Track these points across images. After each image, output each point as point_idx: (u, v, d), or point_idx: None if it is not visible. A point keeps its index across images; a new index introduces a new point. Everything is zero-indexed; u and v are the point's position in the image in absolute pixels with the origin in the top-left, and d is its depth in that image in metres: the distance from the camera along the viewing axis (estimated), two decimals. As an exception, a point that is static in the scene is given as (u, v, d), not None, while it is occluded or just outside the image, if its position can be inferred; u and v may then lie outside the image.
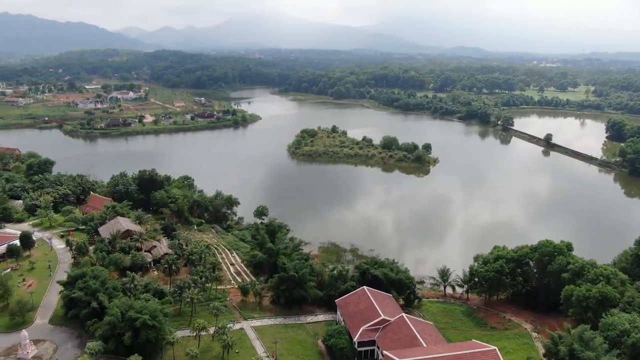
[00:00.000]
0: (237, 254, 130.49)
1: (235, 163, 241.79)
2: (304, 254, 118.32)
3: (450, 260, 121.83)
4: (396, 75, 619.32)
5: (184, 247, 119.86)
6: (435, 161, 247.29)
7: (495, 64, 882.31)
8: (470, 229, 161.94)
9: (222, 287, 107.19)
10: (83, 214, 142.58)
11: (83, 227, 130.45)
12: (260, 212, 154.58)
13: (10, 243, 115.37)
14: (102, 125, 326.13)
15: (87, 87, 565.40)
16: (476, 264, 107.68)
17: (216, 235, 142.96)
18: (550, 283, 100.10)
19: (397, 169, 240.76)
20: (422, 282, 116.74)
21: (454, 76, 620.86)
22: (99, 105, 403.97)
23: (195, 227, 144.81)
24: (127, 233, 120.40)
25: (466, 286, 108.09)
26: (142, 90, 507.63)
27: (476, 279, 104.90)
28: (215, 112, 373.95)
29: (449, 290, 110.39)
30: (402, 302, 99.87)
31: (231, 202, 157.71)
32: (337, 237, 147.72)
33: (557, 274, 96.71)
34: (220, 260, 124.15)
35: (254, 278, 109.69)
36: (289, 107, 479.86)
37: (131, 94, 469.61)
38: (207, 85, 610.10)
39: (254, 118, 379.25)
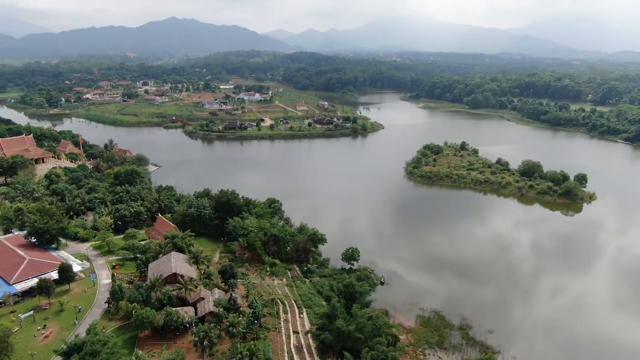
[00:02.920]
0: (307, 314, 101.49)
1: (340, 181, 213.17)
2: (390, 335, 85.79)
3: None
4: (546, 84, 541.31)
5: (237, 302, 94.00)
6: (592, 198, 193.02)
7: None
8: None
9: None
10: (148, 239, 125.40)
11: (140, 256, 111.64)
12: (350, 256, 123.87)
13: (45, 274, 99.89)
14: (220, 127, 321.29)
15: (221, 87, 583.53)
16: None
17: (290, 281, 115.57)
18: None
19: (538, 203, 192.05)
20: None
21: (619, 86, 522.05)
22: (223, 106, 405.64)
23: (268, 269, 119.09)
24: (174, 276, 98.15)
25: None
26: (269, 92, 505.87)
27: None
28: (335, 119, 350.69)
29: None
30: None
31: (316, 238, 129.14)
32: (444, 303, 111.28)
33: None
34: (283, 322, 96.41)
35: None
36: (417, 116, 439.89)
37: (257, 96, 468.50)
38: (335, 88, 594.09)
39: (375, 127, 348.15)
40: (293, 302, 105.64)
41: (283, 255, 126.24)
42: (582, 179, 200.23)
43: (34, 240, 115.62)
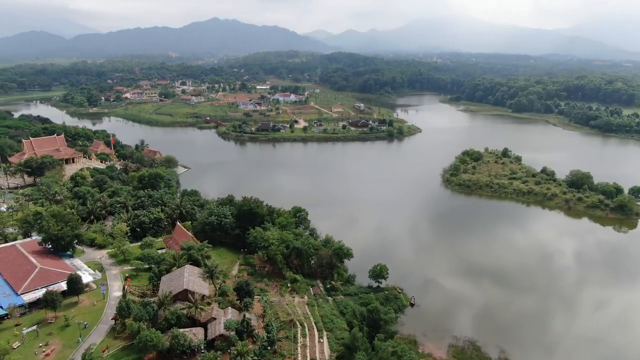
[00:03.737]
0: (327, 338, 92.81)
1: (372, 188, 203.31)
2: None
3: None
4: (595, 87, 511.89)
5: (251, 325, 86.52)
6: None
7: None
8: None
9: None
10: (166, 247, 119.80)
11: (153, 267, 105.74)
12: (378, 274, 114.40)
13: (55, 285, 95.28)
14: (253, 129, 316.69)
15: (257, 87, 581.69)
16: None
17: (312, 299, 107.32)
18: None
19: (587, 217, 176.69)
20: None
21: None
22: (257, 107, 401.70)
23: (289, 285, 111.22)
24: (185, 293, 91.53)
25: None
26: (305, 93, 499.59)
27: None
28: (370, 121, 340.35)
29: None
30: None
31: (342, 253, 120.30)
32: (480, 330, 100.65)
33: None
34: (300, 348, 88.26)
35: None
36: (457, 119, 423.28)
37: (292, 97, 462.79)
38: (373, 89, 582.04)
39: (412, 130, 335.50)
40: (313, 324, 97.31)
41: (306, 270, 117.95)
42: (637, 192, 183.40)
43: (49, 246, 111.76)
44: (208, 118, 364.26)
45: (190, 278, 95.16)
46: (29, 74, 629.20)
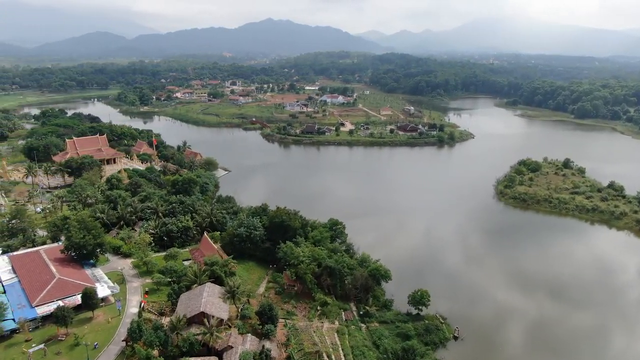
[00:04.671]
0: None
1: (418, 198, 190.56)
2: None
3: None
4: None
5: (271, 357, 77.68)
6: None
7: None
8: None
9: None
10: (191, 259, 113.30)
11: (173, 284, 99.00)
12: (418, 300, 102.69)
13: (71, 297, 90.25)
14: (297, 131, 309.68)
15: (306, 88, 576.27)
16: None
17: (343, 325, 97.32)
18: None
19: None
20: None
21: None
22: (304, 109, 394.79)
23: (319, 308, 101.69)
24: (202, 315, 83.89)
25: None
26: (353, 95, 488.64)
27: None
28: (420, 125, 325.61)
29: None
30: None
31: (379, 274, 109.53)
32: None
33: None
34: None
35: None
36: (513, 125, 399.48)
37: (340, 98, 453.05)
38: (424, 91, 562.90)
39: (464, 136, 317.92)
40: (342, 356, 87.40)
41: (339, 291, 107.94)
42: None
43: (73, 254, 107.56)
44: (254, 119, 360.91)
45: (209, 299, 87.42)
46: (88, 73, 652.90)
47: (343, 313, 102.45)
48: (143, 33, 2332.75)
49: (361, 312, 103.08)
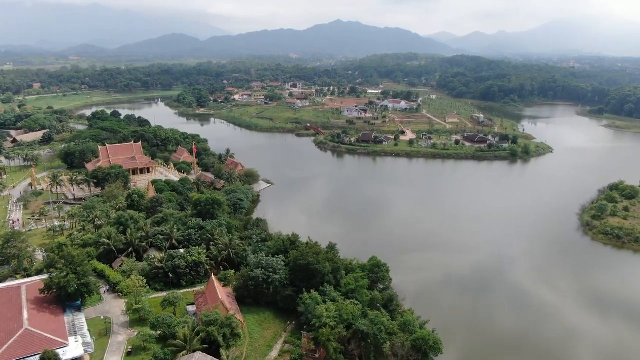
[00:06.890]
0: None
1: (482, 227, 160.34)
2: None
3: None
4: None
5: None
6: None
7: None
8: None
9: None
10: (194, 304, 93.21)
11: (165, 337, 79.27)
12: (476, 388, 76.51)
13: (33, 357, 72.70)
14: (352, 139, 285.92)
15: (368, 91, 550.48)
16: None
17: (373, 418, 73.05)
18: None
19: None
20: None
21: None
22: (362, 114, 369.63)
23: (342, 388, 78.05)
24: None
25: None
26: (418, 100, 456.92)
27: None
28: (489, 136, 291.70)
29: None
30: None
31: (427, 346, 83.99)
32: None
33: None
34: None
35: None
36: (598, 137, 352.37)
37: (403, 104, 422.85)
38: (496, 97, 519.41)
39: (541, 150, 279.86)
40: None
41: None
42: None
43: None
44: (308, 125, 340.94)
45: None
46: (155, 74, 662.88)
47: (375, 397, 78.29)
48: (215, 35, 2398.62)
49: (399, 398, 78.38)
